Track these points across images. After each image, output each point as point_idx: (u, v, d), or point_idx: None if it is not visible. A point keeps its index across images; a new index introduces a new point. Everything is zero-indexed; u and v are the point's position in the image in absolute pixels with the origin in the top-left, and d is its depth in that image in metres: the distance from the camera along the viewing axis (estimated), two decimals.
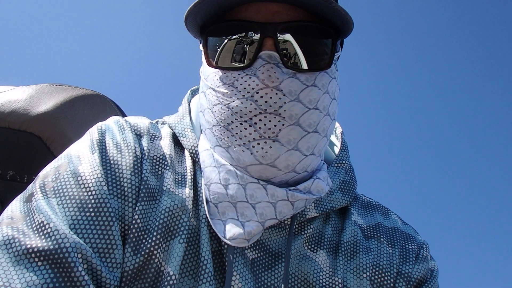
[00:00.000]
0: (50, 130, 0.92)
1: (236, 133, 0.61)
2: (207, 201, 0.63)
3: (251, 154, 0.60)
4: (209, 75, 0.66)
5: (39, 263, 0.50)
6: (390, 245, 0.71)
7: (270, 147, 0.60)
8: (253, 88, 0.60)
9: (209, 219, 0.62)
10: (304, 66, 0.62)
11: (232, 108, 0.61)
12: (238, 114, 0.61)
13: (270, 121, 0.60)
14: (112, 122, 0.68)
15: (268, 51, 0.60)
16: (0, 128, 0.91)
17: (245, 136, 0.60)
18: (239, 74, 0.62)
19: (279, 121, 0.60)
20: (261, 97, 0.60)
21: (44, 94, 0.95)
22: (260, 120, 0.60)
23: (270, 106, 0.59)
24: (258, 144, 0.60)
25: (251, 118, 0.60)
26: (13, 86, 1.03)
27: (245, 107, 0.60)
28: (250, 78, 0.61)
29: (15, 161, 0.91)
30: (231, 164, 0.63)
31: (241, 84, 0.61)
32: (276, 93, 0.60)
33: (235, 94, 0.61)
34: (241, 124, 0.61)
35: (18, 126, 0.90)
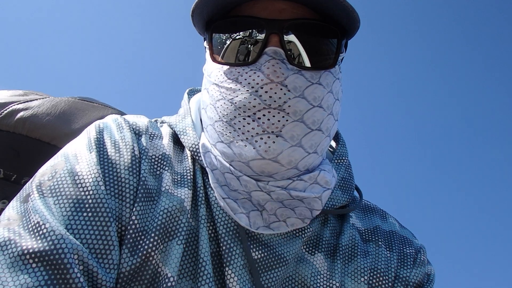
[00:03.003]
0: None
1: (239, 128, 0.61)
2: (224, 199, 0.63)
3: (253, 148, 0.60)
4: (213, 71, 0.66)
5: (34, 265, 0.49)
6: (388, 249, 0.71)
7: (274, 142, 0.59)
8: (257, 83, 0.60)
9: (232, 215, 0.61)
10: (309, 64, 0.62)
11: (235, 103, 0.61)
12: (241, 109, 0.61)
13: (274, 116, 0.59)
14: (110, 121, 0.67)
15: (273, 47, 0.60)
16: (31, 138, 0.93)
17: (248, 131, 0.60)
18: (243, 70, 0.61)
19: (283, 116, 0.59)
20: (266, 92, 0.59)
21: (77, 110, 0.96)
22: (264, 115, 0.59)
23: (275, 101, 0.59)
24: (261, 138, 0.59)
25: (254, 113, 0.60)
26: (43, 94, 1.05)
27: (249, 102, 0.60)
28: (254, 73, 0.60)
29: None
30: (232, 161, 0.62)
31: (245, 79, 0.61)
32: (281, 89, 0.59)
33: (239, 89, 0.61)
34: (244, 119, 0.60)
35: (49, 140, 0.91)
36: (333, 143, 0.82)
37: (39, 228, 0.51)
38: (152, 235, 0.57)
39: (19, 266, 0.49)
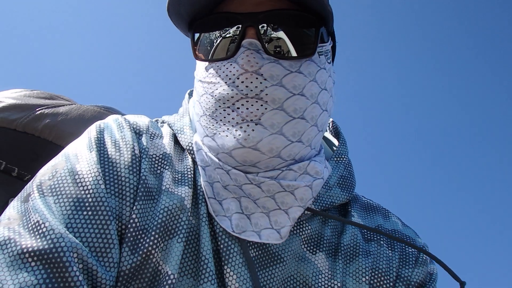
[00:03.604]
0: None
1: (220, 120, 0.62)
2: (208, 198, 0.63)
3: (234, 138, 0.60)
4: (198, 69, 0.68)
5: (33, 264, 0.49)
6: (389, 248, 0.71)
7: (253, 130, 0.60)
8: (234, 74, 0.61)
9: (214, 216, 0.62)
10: (287, 53, 0.63)
11: (215, 95, 0.62)
12: (221, 101, 0.62)
13: (252, 105, 0.60)
14: (111, 121, 0.68)
15: (249, 39, 0.61)
16: (55, 145, 0.93)
17: (229, 121, 0.61)
18: (222, 63, 0.63)
19: (262, 105, 0.60)
20: (242, 82, 0.60)
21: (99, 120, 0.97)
22: (242, 104, 0.60)
23: (251, 90, 0.60)
24: (241, 127, 0.60)
25: (233, 104, 0.61)
26: (68, 98, 1.05)
27: (227, 93, 0.61)
28: (231, 65, 0.62)
29: None
30: (217, 154, 0.63)
31: (223, 72, 0.62)
32: (257, 78, 0.60)
33: (218, 82, 0.62)
34: (224, 110, 0.62)
35: None
36: (336, 142, 0.82)
37: (38, 227, 0.52)
38: (153, 233, 0.57)
39: (18, 265, 0.49)
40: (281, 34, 0.63)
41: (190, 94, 0.80)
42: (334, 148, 0.81)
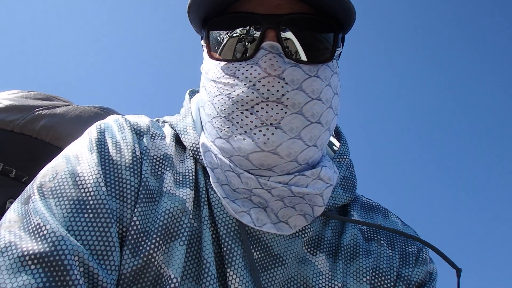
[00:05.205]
0: None
1: (237, 122, 0.61)
2: (224, 198, 0.63)
3: (252, 141, 0.60)
4: (210, 68, 0.66)
5: (32, 267, 0.49)
6: (390, 248, 0.71)
7: (272, 133, 0.59)
8: (255, 77, 0.60)
9: (234, 214, 0.61)
10: (306, 57, 0.62)
11: (233, 97, 0.61)
12: (239, 103, 0.61)
13: (272, 109, 0.59)
14: (111, 121, 0.67)
15: (270, 41, 0.60)
16: (52, 146, 0.93)
17: (247, 124, 0.60)
18: (240, 65, 0.62)
19: (282, 109, 0.59)
20: (263, 85, 0.59)
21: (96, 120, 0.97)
22: (262, 108, 0.59)
23: (273, 94, 0.59)
24: (260, 131, 0.59)
25: (252, 107, 0.60)
26: (65, 99, 1.05)
27: (247, 96, 0.60)
28: (252, 67, 0.60)
29: None
30: (231, 157, 0.62)
31: (242, 74, 0.61)
32: (279, 82, 0.59)
33: (237, 84, 0.61)
34: (242, 113, 0.61)
35: None
36: (336, 142, 0.82)
37: (39, 230, 0.52)
38: (154, 236, 0.57)
39: (18, 268, 0.49)
40: (300, 38, 0.63)
41: (191, 94, 0.79)
42: (335, 148, 0.81)
